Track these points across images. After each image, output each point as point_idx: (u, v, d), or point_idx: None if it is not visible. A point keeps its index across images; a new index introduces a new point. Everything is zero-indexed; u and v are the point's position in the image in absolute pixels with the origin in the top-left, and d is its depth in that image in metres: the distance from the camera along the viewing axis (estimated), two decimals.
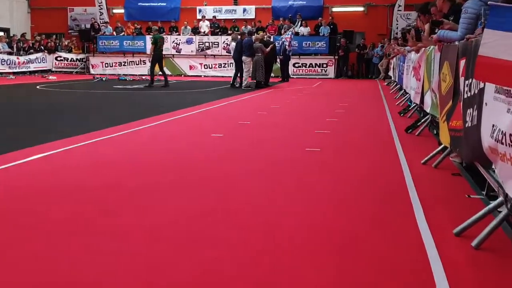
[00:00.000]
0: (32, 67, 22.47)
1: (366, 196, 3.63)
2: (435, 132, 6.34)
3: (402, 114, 8.56)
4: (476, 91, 3.19)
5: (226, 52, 21.54)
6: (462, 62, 3.79)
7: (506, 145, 2.50)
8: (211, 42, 22.88)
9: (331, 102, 11.28)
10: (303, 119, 8.15)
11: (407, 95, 9.83)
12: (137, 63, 23.60)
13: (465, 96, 3.53)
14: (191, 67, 23.01)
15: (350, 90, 15.04)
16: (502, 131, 2.55)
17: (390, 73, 17.46)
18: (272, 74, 17.85)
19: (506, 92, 2.60)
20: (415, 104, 8.14)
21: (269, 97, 12.62)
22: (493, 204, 2.77)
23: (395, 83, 14.57)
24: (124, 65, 23.68)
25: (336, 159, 4.96)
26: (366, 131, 6.88)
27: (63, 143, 5.46)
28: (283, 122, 7.76)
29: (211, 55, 22.96)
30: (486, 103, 2.93)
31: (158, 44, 14.83)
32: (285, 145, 5.76)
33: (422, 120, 6.64)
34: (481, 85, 3.04)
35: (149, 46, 23.24)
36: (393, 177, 4.19)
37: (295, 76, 21.79)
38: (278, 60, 18.90)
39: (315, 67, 22.16)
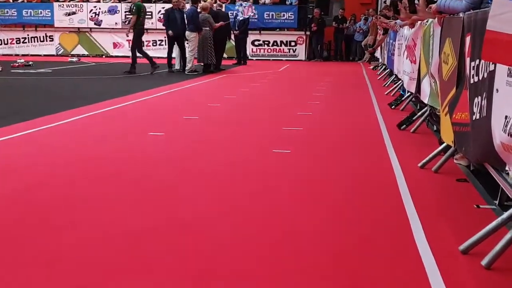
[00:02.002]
0: None
1: (350, 210, 3.79)
2: (435, 128, 6.63)
3: (393, 106, 8.86)
4: (485, 75, 3.40)
5: (163, 25, 21.48)
6: (468, 39, 4.01)
7: None
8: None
9: (303, 91, 11.49)
10: (267, 112, 8.30)
11: (399, 82, 10.16)
12: (42, 39, 23.17)
13: (472, 82, 3.75)
14: (115, 45, 22.81)
15: (326, 76, 15.34)
16: None
17: (377, 54, 17.96)
18: (225, 55, 17.99)
19: None
20: (409, 94, 8.45)
21: (221, 85, 12.70)
22: (506, 214, 2.98)
23: (383, 67, 14.99)
24: (24, 42, 23.21)
25: (310, 163, 5.11)
26: (348, 127, 7.09)
27: None
28: (242, 117, 7.88)
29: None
30: (497, 90, 3.14)
31: (141, 14, 14.66)
32: (245, 145, 5.88)
33: (419, 114, 6.92)
34: (491, 67, 3.26)
35: (58, 16, 23.17)
36: (384, 185, 4.37)
37: (254, 58, 21.99)
38: (232, 36, 19.06)
39: (281, 45, 22.45)
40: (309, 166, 5.03)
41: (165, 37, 20.32)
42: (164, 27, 16.23)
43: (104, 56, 22.45)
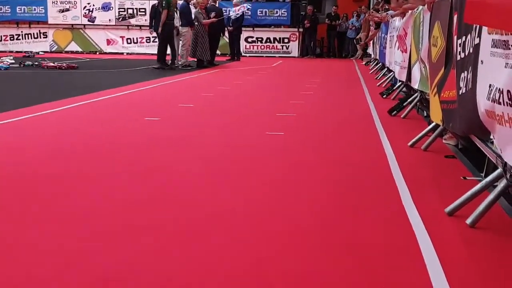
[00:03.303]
0: None
1: (341, 184, 3.92)
2: (425, 114, 6.77)
3: (384, 96, 9.01)
4: (471, 50, 3.54)
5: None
6: (455, 18, 4.15)
7: (504, 104, 2.83)
8: (136, 8, 22.89)
9: (296, 83, 11.65)
10: (261, 101, 8.45)
11: (391, 73, 10.32)
12: (35, 36, 23.22)
13: (459, 58, 3.89)
14: (109, 42, 22.90)
15: (319, 71, 15.51)
16: (499, 89, 2.89)
17: (370, 50, 18.12)
18: (218, 52, 18.09)
19: (503, 44, 2.95)
20: (400, 83, 8.60)
21: (215, 78, 12.82)
22: (490, 177, 3.11)
23: (376, 62, 15.15)
24: (18, 38, 23.25)
25: (302, 144, 5.25)
26: (340, 114, 7.23)
27: None
28: (236, 105, 8.02)
29: (136, 25, 22.93)
30: (482, 61, 3.28)
31: (171, 8, 14.12)
32: (240, 128, 6.01)
33: (409, 100, 7.06)
34: (476, 40, 3.40)
35: (52, 13, 23.23)
36: (374, 162, 4.52)
37: (247, 54, 22.11)
38: (226, 32, 19.19)
39: (274, 42, 22.59)
40: (301, 147, 5.15)
41: (152, 33, 20.53)
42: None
43: (97, 53, 22.51)
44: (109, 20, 22.85)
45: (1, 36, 23.29)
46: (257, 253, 2.59)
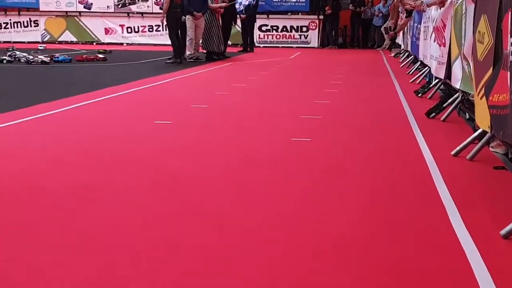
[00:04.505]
0: None
1: (380, 199, 3.94)
2: (467, 116, 6.77)
3: (420, 94, 9.01)
4: None
5: (160, 8, 21.66)
6: (510, 15, 4.16)
7: None
8: None
9: (318, 78, 11.67)
10: (281, 101, 8.48)
11: (426, 68, 10.31)
12: (25, 24, 23.38)
13: None
14: (107, 31, 23.07)
15: (342, 64, 15.50)
16: None
17: (399, 40, 18.08)
18: (229, 42, 18.16)
19: None
20: (437, 80, 8.60)
21: (228, 73, 12.87)
22: None
23: (406, 54, 15.13)
24: (6, 27, 23.41)
25: (333, 152, 5.28)
26: (372, 116, 7.23)
27: None
28: (254, 106, 8.06)
29: (138, 13, 23.03)
30: None
31: None
32: (260, 134, 6.05)
33: (449, 101, 7.06)
34: None
35: None
36: (415, 174, 4.53)
37: (261, 45, 22.16)
38: (238, 20, 19.21)
39: (291, 31, 22.62)
40: (332, 155, 5.18)
41: (161, 21, 20.54)
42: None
43: (94, 43, 22.64)
44: (107, 6, 22.99)
45: None
46: (290, 273, 2.62)
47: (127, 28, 23.06)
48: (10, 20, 23.47)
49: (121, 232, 3.21)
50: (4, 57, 13.61)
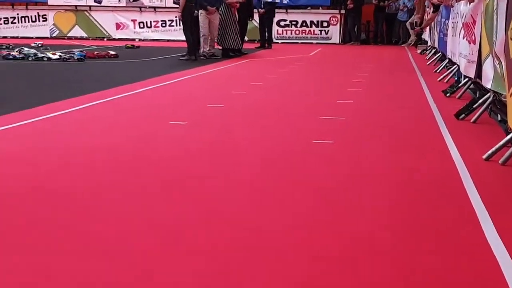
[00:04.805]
0: None
1: (407, 206, 3.82)
2: (499, 117, 6.61)
3: (448, 94, 8.85)
4: None
5: (174, 2, 21.62)
6: None
7: None
8: None
9: (340, 76, 11.57)
10: (301, 101, 8.37)
11: (454, 66, 10.15)
12: (33, 19, 23.39)
13: None
14: (118, 26, 23.04)
15: (366, 61, 15.38)
16: None
17: (425, 36, 17.89)
18: (246, 38, 18.08)
19: None
20: (467, 79, 8.43)
21: (244, 71, 12.79)
22: None
23: (433, 50, 14.95)
24: (13, 22, 23.44)
25: (357, 155, 5.16)
26: (397, 117, 7.11)
27: None
28: (272, 105, 7.96)
29: (150, 7, 22.99)
30: None
31: None
32: (280, 135, 5.94)
33: (480, 101, 6.91)
34: None
35: None
36: (444, 176, 4.42)
37: (280, 41, 22.08)
38: (255, 15, 19.11)
39: (311, 26, 22.51)
40: (356, 158, 5.07)
41: (176, 17, 20.59)
42: (176, 5, 16.01)
43: (105, 39, 22.64)
44: (119, 0, 22.96)
45: None
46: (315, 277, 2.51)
47: (139, 23, 23.01)
48: (17, 14, 23.45)
49: (134, 234, 3.14)
50: (29, 54, 13.67)
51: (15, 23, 23.51)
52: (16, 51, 13.96)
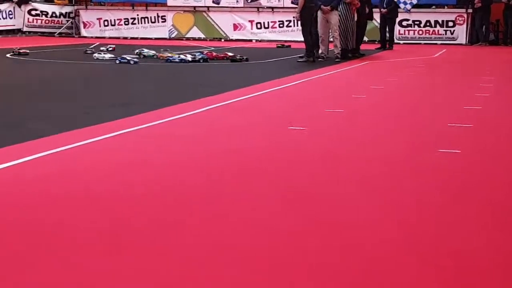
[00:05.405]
0: None
1: None
2: None
3: None
4: None
5: (292, 2, 21.83)
6: None
7: None
8: None
9: (467, 79, 11.36)
10: (424, 105, 8.30)
11: None
12: (153, 20, 24.24)
13: None
14: (236, 27, 23.45)
15: (495, 63, 14.96)
16: None
17: None
18: (365, 38, 17.92)
19: None
20: None
21: (364, 73, 12.78)
22: None
23: None
24: (133, 23, 24.39)
25: (488, 167, 5.08)
26: None
27: (68, 137, 5.88)
28: (394, 110, 7.95)
29: (268, 7, 23.31)
30: None
31: None
32: (403, 143, 5.95)
33: None
34: None
35: None
36: None
37: (401, 41, 21.79)
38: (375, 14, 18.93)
39: (435, 26, 22.07)
40: (486, 170, 4.99)
41: (294, 17, 20.74)
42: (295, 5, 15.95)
43: (223, 40, 23.12)
44: (237, 1, 23.37)
45: (114, 19, 24.55)
46: None
47: (257, 23, 23.34)
48: (137, 15, 24.34)
49: (268, 242, 3.25)
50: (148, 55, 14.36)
51: (135, 23, 24.42)
52: (136, 53, 14.54)
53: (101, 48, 16.00)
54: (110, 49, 15.92)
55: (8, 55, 15.23)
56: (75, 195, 4.15)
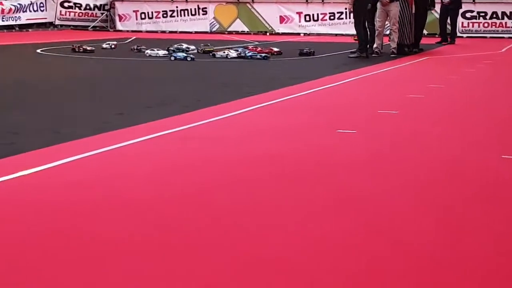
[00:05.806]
0: (24, 18, 24.05)
1: None
2: None
3: None
4: None
5: None
6: None
7: None
8: None
9: None
10: (489, 107, 8.19)
11: None
12: (193, 12, 24.35)
13: None
14: (282, 20, 23.46)
15: None
16: None
17: None
18: (424, 32, 17.80)
19: None
20: None
21: (422, 71, 12.67)
22: None
23: None
24: (172, 15, 24.52)
25: None
26: None
27: (99, 140, 5.96)
28: (455, 112, 7.86)
29: None
30: None
31: None
32: (464, 147, 5.89)
33: None
34: None
35: None
36: None
37: (464, 35, 21.59)
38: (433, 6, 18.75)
39: (503, 18, 21.84)
40: None
41: (346, 9, 20.70)
42: None
43: (268, 34, 23.15)
44: None
45: (152, 12, 24.72)
46: None
47: (305, 16, 23.28)
48: (176, 7, 24.42)
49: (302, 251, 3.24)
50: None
51: (174, 16, 24.50)
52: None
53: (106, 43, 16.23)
54: (113, 46, 16.12)
55: (39, 51, 15.48)
56: (111, 201, 4.19)
